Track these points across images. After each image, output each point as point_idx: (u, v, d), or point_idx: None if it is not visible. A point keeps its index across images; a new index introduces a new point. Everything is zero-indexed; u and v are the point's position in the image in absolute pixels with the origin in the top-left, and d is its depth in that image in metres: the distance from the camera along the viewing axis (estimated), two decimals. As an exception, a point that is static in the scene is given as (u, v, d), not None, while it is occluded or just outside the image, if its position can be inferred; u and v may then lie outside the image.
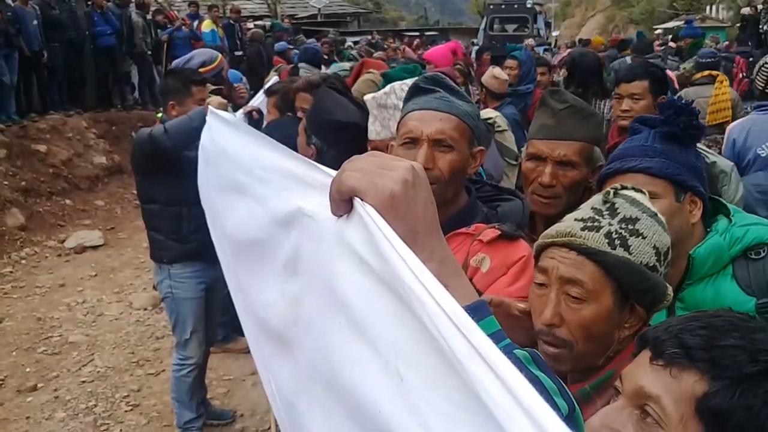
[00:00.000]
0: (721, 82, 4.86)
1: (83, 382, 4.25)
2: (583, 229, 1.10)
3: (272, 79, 4.18)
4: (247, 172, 1.29)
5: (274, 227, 1.05)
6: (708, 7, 30.12)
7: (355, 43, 15.39)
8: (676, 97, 1.50)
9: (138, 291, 5.70)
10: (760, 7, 19.23)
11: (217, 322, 3.67)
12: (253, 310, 1.28)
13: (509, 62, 5.28)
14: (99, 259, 6.66)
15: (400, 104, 2.23)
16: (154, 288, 3.67)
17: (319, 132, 2.15)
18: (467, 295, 0.73)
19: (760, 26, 18.01)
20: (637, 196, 1.14)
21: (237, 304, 1.50)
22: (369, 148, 2.13)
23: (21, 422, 3.83)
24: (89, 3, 10.22)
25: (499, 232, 1.47)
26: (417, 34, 22.91)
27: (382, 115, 2.14)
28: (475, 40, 19.49)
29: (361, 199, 0.71)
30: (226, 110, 2.56)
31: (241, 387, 4.12)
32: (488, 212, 1.65)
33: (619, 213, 1.11)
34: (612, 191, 1.14)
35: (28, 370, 4.41)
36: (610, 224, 1.10)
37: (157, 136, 2.95)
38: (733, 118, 4.34)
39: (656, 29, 25.29)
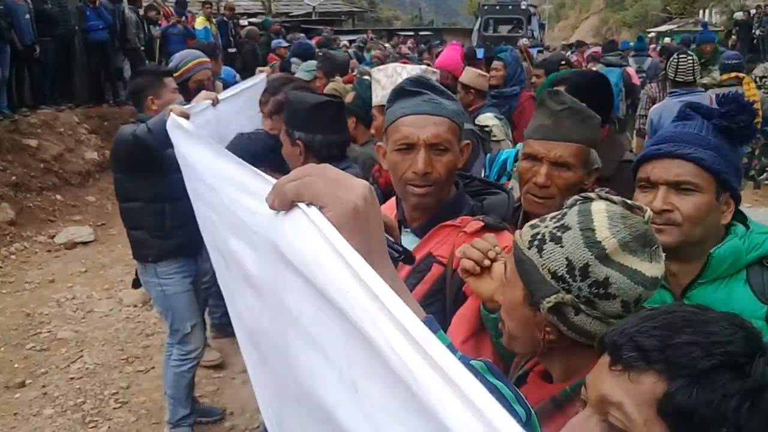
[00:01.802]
0: (748, 82, 5.42)
1: (72, 378, 4.23)
2: (528, 227, 1.15)
3: (261, 76, 4.06)
4: (203, 181, 1.30)
5: (228, 238, 1.05)
6: (701, 12, 30.29)
7: (351, 42, 15.37)
8: (736, 92, 1.42)
9: (128, 287, 5.61)
10: (753, 11, 19.40)
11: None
12: (233, 317, 1.30)
13: (495, 64, 5.29)
14: (89, 255, 6.63)
15: (383, 80, 2.40)
16: (136, 285, 3.59)
17: (299, 124, 2.20)
18: (417, 312, 0.74)
19: (753, 31, 18.17)
20: (597, 207, 1.09)
21: None
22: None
23: (8, 418, 3.81)
24: (82, -3, 10.18)
25: (483, 224, 1.53)
26: (411, 33, 22.93)
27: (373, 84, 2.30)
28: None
29: (320, 209, 0.70)
30: (188, 118, 2.62)
31: (230, 385, 4.12)
32: (474, 205, 1.69)
33: (562, 220, 1.10)
34: (581, 199, 1.12)
35: (16, 366, 4.39)
36: (546, 227, 1.11)
37: (141, 136, 2.94)
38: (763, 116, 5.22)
39: (650, 32, 25.43)
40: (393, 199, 1.80)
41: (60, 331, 4.89)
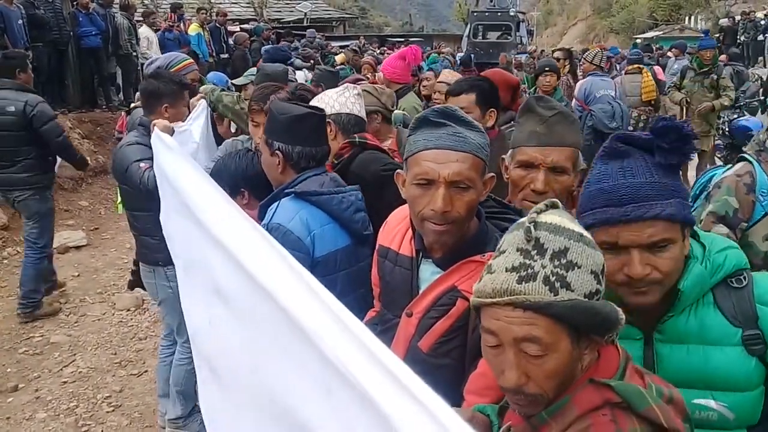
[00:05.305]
0: (646, 73, 7.54)
1: (65, 382, 4.24)
2: (519, 282, 1.04)
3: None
4: (181, 201, 1.43)
5: (202, 249, 1.13)
6: (687, 18, 30.66)
7: (342, 47, 15.45)
8: (669, 118, 1.31)
9: (121, 292, 5.67)
10: (738, 18, 19.68)
11: None
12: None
13: (426, 74, 5.43)
14: (82, 260, 6.63)
15: (326, 109, 2.41)
16: (137, 286, 3.64)
17: (278, 134, 2.18)
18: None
19: (738, 37, 18.44)
20: (557, 220, 1.08)
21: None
22: None
23: (1, 423, 3.81)
24: (74, 3, 10.19)
25: None
26: (402, 40, 23.05)
27: None
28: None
29: None
30: (171, 134, 2.67)
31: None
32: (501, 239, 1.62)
33: (546, 249, 1.05)
34: (532, 224, 1.07)
35: (9, 370, 4.40)
36: (543, 266, 1.04)
37: (153, 190, 3.01)
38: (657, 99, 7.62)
39: (636, 38, 25.70)
40: (405, 211, 1.70)
41: (53, 335, 4.89)
